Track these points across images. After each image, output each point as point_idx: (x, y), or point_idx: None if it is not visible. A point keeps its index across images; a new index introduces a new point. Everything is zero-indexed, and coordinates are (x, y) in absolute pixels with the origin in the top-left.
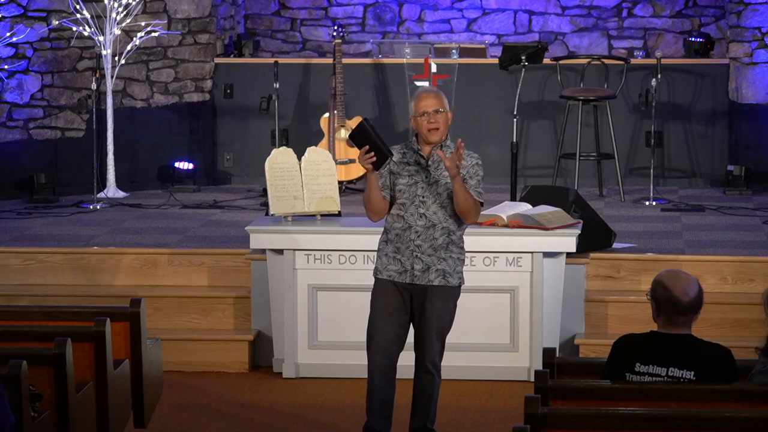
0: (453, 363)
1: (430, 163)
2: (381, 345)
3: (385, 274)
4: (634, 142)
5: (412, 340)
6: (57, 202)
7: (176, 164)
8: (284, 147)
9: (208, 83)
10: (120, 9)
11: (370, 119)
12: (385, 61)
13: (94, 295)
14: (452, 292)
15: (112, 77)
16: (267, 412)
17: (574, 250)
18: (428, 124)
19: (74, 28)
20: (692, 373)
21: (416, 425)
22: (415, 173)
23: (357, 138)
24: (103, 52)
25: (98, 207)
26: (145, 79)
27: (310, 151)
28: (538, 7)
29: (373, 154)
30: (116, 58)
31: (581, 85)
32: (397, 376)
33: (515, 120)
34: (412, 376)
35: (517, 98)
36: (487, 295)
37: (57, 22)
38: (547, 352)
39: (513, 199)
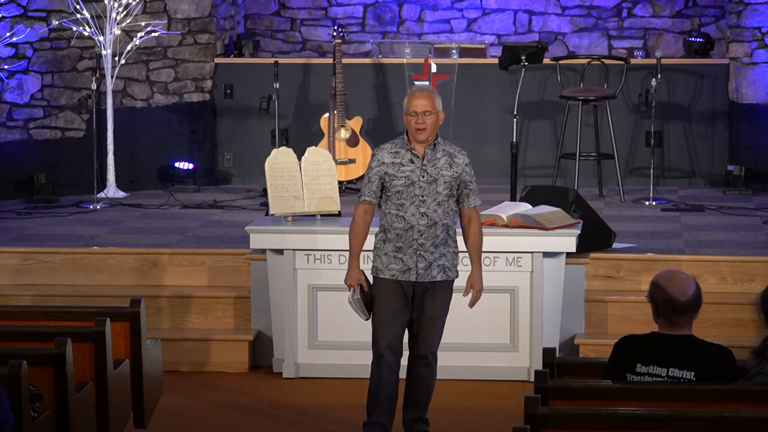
0: (453, 363)
1: (425, 162)
2: (388, 341)
3: (388, 274)
4: (634, 142)
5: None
6: (57, 202)
7: (176, 164)
8: (284, 147)
9: (208, 83)
10: (120, 9)
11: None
12: (385, 61)
13: (94, 295)
14: (451, 285)
15: (112, 77)
16: (267, 412)
17: (574, 250)
18: (416, 124)
19: (74, 28)
20: (692, 373)
21: (414, 416)
22: (410, 173)
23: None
24: (103, 52)
25: (98, 207)
26: (145, 79)
27: (310, 151)
28: (538, 7)
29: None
30: (116, 58)
31: (581, 85)
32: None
33: (515, 120)
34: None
35: (517, 98)
36: (487, 295)
37: (57, 22)
38: (547, 352)
39: (513, 199)
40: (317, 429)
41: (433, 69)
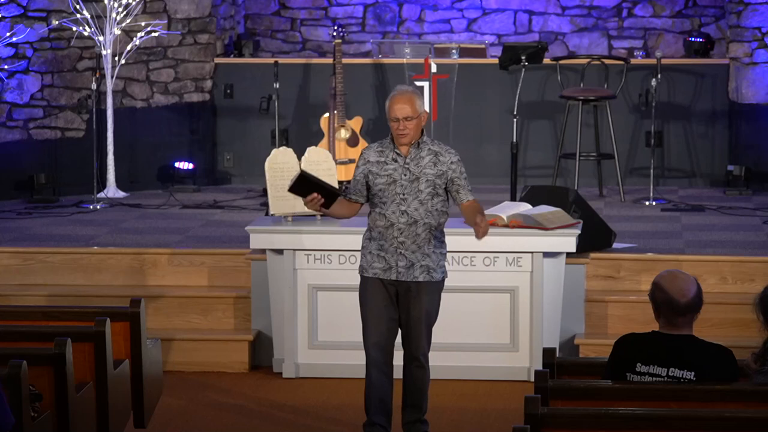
0: (453, 363)
1: (408, 161)
2: (374, 340)
3: (371, 272)
4: (634, 142)
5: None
6: (57, 202)
7: (176, 164)
8: (284, 147)
9: (208, 83)
10: (120, 9)
11: (306, 172)
12: (385, 61)
13: (94, 295)
14: (437, 286)
15: (112, 77)
16: (267, 412)
17: (574, 250)
18: (397, 129)
19: (74, 28)
20: (692, 373)
21: (411, 418)
22: (393, 171)
23: (298, 189)
24: (103, 52)
25: (98, 207)
26: (145, 79)
27: (310, 151)
28: (538, 7)
29: (319, 196)
30: (116, 58)
31: (581, 85)
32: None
33: (515, 120)
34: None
35: (517, 98)
36: (487, 295)
37: (57, 22)
38: (547, 352)
39: (513, 199)
40: (317, 429)
41: (433, 69)
